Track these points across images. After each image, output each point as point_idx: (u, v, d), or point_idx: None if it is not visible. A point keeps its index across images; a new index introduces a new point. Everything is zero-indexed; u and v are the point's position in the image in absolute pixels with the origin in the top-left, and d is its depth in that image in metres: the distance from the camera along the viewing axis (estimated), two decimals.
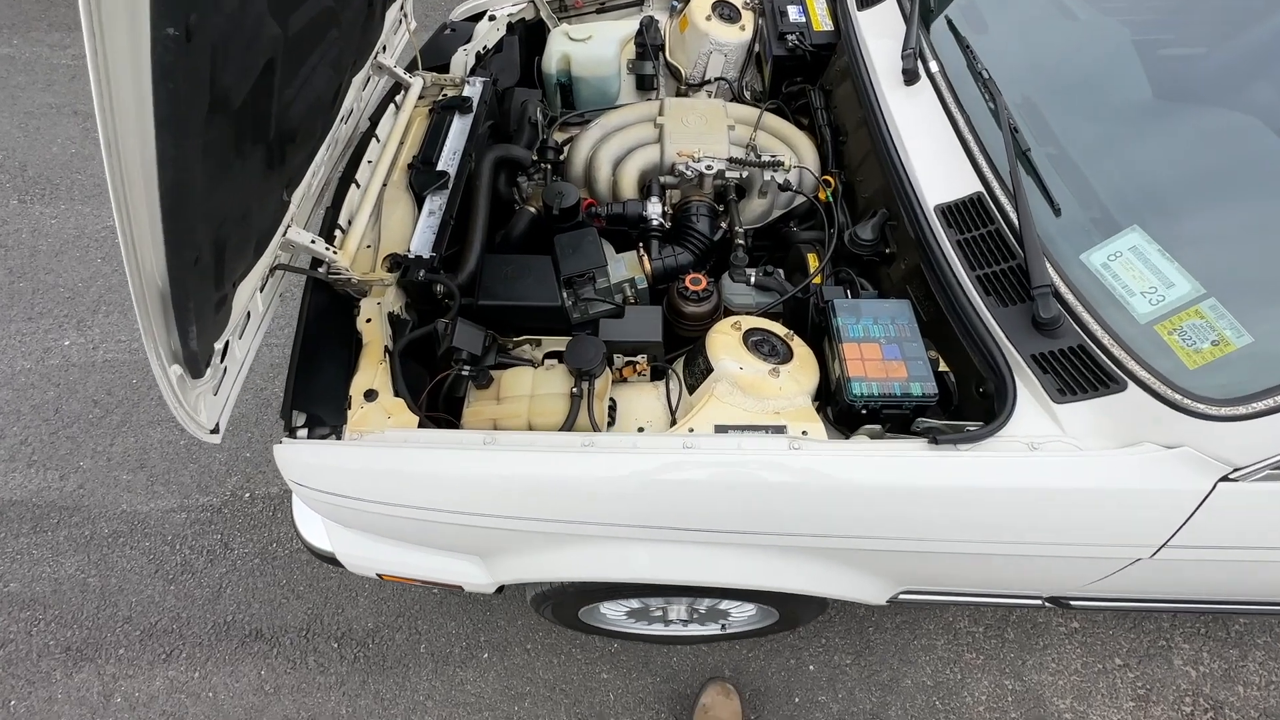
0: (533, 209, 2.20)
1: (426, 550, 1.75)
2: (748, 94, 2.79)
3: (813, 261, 1.91)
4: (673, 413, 1.64)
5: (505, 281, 1.79)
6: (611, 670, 2.58)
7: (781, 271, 1.94)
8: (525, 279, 1.79)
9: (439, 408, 1.73)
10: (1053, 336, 1.41)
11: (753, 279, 1.84)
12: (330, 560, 1.88)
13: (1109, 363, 1.35)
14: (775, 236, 2.16)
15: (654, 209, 1.88)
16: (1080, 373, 1.37)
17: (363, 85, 2.48)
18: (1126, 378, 1.32)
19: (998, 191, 1.60)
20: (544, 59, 2.73)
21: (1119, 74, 1.78)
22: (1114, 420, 1.33)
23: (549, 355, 1.88)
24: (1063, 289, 1.43)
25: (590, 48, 2.71)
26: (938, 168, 1.73)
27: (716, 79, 2.72)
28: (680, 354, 1.82)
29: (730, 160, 1.90)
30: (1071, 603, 1.86)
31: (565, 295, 1.80)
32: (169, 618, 2.68)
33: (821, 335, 1.73)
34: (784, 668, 2.59)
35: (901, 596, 1.82)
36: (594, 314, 1.83)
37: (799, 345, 1.66)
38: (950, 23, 1.99)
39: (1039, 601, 1.86)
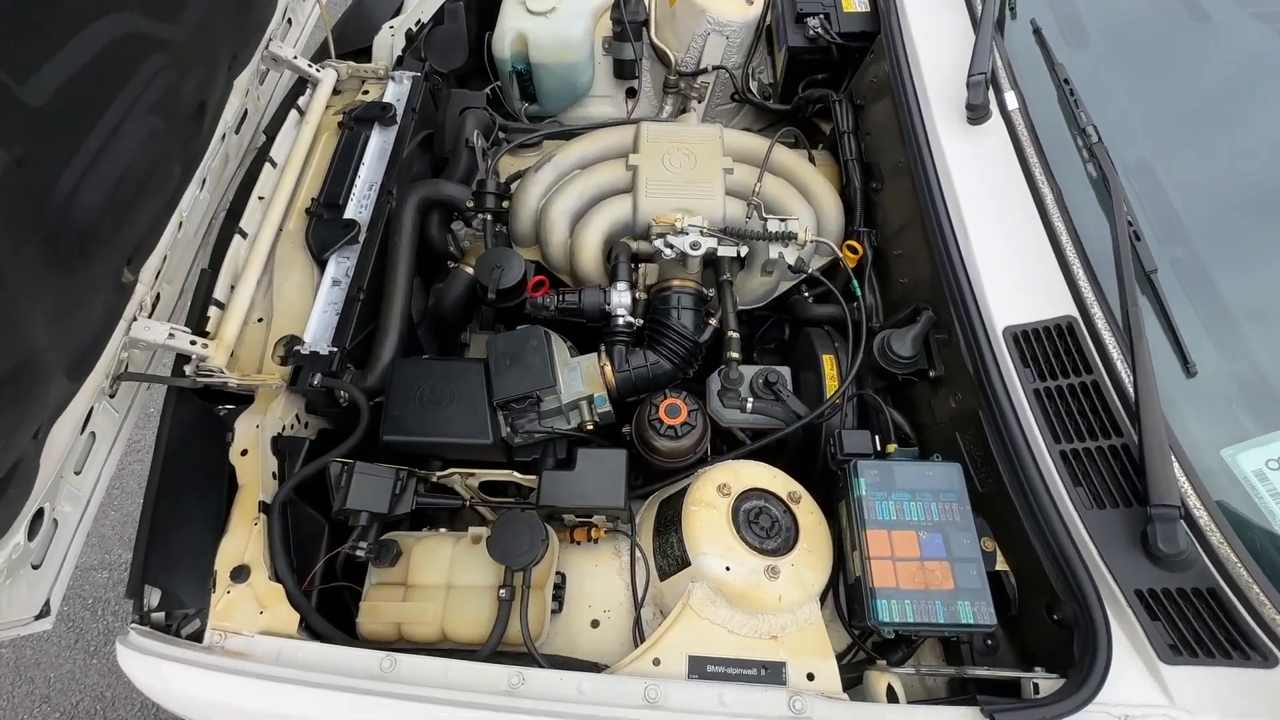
0: (470, 269, 1.72)
1: None
2: (754, 85, 2.21)
3: (829, 367, 1.45)
4: (637, 600, 1.24)
5: (420, 406, 1.35)
6: None
7: (787, 374, 1.48)
8: (447, 404, 1.35)
9: (336, 575, 1.34)
10: (1172, 568, 0.99)
11: (749, 403, 1.39)
12: None
13: (1252, 624, 0.94)
14: (781, 305, 1.69)
15: (621, 300, 1.40)
16: (1207, 627, 0.96)
17: (257, 81, 1.92)
18: (1278, 650, 0.92)
19: (1099, 322, 1.13)
20: (495, 39, 2.13)
21: None
22: (1248, 701, 0.94)
23: (485, 489, 1.47)
24: (1193, 502, 0.99)
25: (553, 24, 2.11)
26: (1011, 266, 1.24)
27: (715, 67, 2.13)
28: (650, 492, 1.41)
29: (724, 233, 1.40)
30: None
31: (502, 421, 1.36)
32: (91, 697, 2.41)
33: (834, 481, 1.31)
34: None
35: None
36: (539, 438, 1.40)
37: (805, 511, 1.24)
38: (1038, 33, 1.43)
39: None
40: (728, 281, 1.44)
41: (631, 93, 2.34)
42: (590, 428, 1.39)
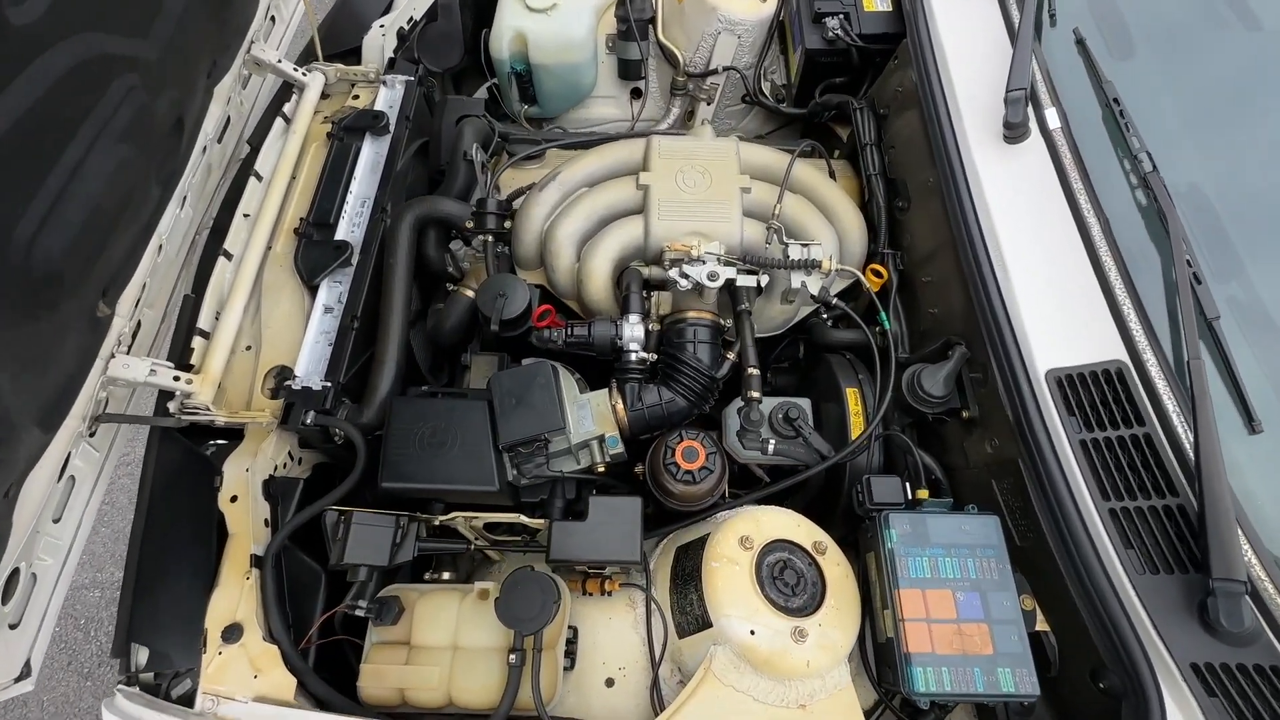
0: (471, 293, 1.62)
1: None
2: (766, 87, 2.10)
3: (853, 402, 1.37)
4: (655, 659, 1.17)
5: (420, 450, 1.26)
6: None
7: (808, 407, 1.40)
8: (449, 447, 1.26)
9: (335, 629, 1.27)
10: (1233, 643, 0.92)
11: (770, 445, 1.31)
12: None
13: None
14: (799, 327, 1.60)
15: (633, 334, 1.31)
16: (1270, 708, 0.90)
17: (240, 87, 1.80)
18: None
19: (1152, 369, 1.05)
20: (492, 38, 2.01)
21: None
22: None
23: (489, 531, 1.39)
24: (1257, 573, 0.92)
25: (554, 22, 1.99)
26: (1054, 303, 1.16)
27: (725, 68, 2.02)
28: (666, 532, 1.34)
29: (743, 261, 1.31)
30: None
31: (508, 464, 1.28)
32: None
33: (858, 520, 1.24)
34: None
35: None
36: (547, 478, 1.32)
37: (831, 562, 1.17)
38: (1081, 44, 1.32)
39: None
40: (746, 311, 1.35)
41: (637, 94, 2.22)
42: (601, 469, 1.32)
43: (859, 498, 1.21)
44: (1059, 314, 1.15)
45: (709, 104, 2.13)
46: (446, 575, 1.41)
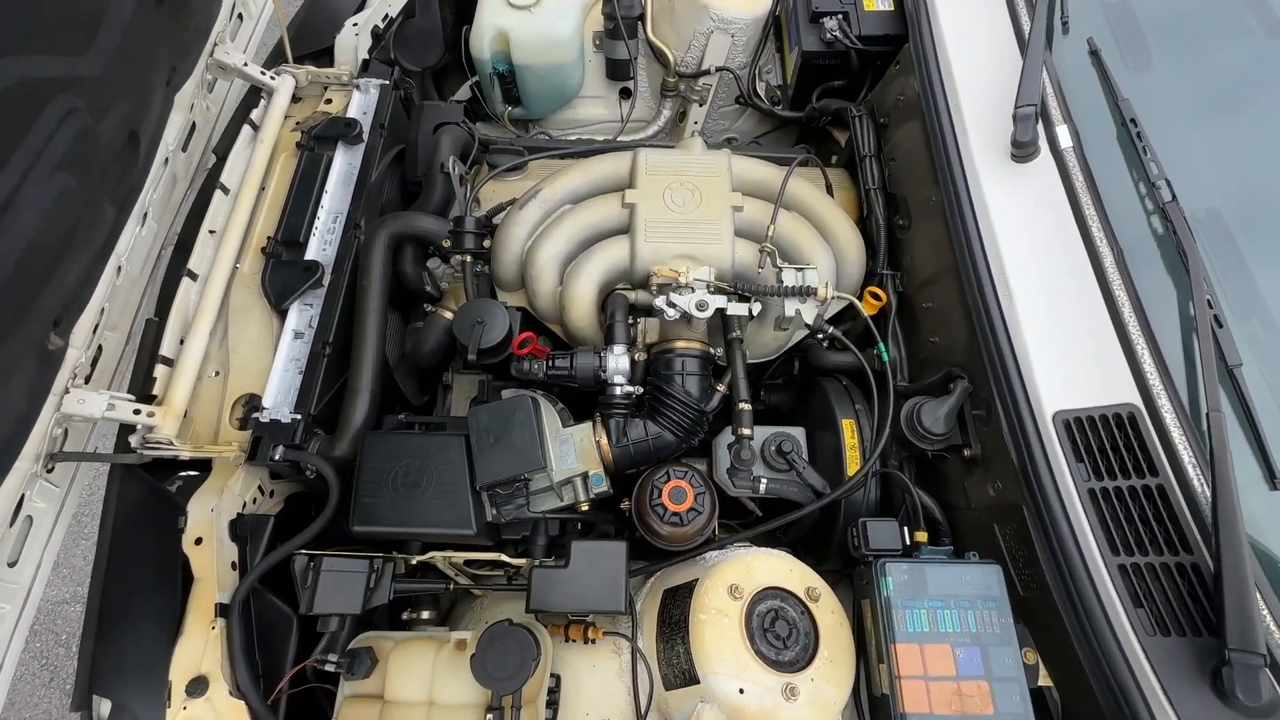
0: (449, 314, 1.55)
1: None
2: (761, 87, 2.00)
3: (849, 433, 1.31)
4: (640, 711, 1.12)
5: (393, 491, 1.20)
6: None
7: (802, 438, 1.34)
8: (424, 488, 1.20)
9: (307, 677, 1.21)
10: (1249, 714, 0.87)
11: (762, 484, 1.25)
12: None
13: None
14: (796, 347, 1.53)
15: (618, 365, 1.24)
16: None
17: (205, 91, 1.71)
18: None
19: (1167, 415, 0.99)
20: (473, 36, 1.91)
21: None
22: None
23: (469, 567, 1.33)
24: (1277, 640, 0.87)
25: (538, 20, 1.88)
26: (1063, 339, 1.09)
27: (718, 69, 1.93)
28: (653, 569, 1.28)
29: (734, 288, 1.24)
30: None
31: (487, 503, 1.22)
32: None
33: (853, 559, 1.19)
34: None
35: None
36: (527, 518, 1.26)
37: (825, 610, 1.12)
38: (1096, 55, 1.24)
39: None
40: (738, 339, 1.28)
41: (626, 93, 2.13)
42: (585, 508, 1.26)
43: (854, 541, 1.16)
44: (1068, 351, 1.08)
45: (701, 106, 2.04)
46: (426, 614, 1.35)
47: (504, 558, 1.28)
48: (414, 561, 1.29)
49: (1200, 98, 1.22)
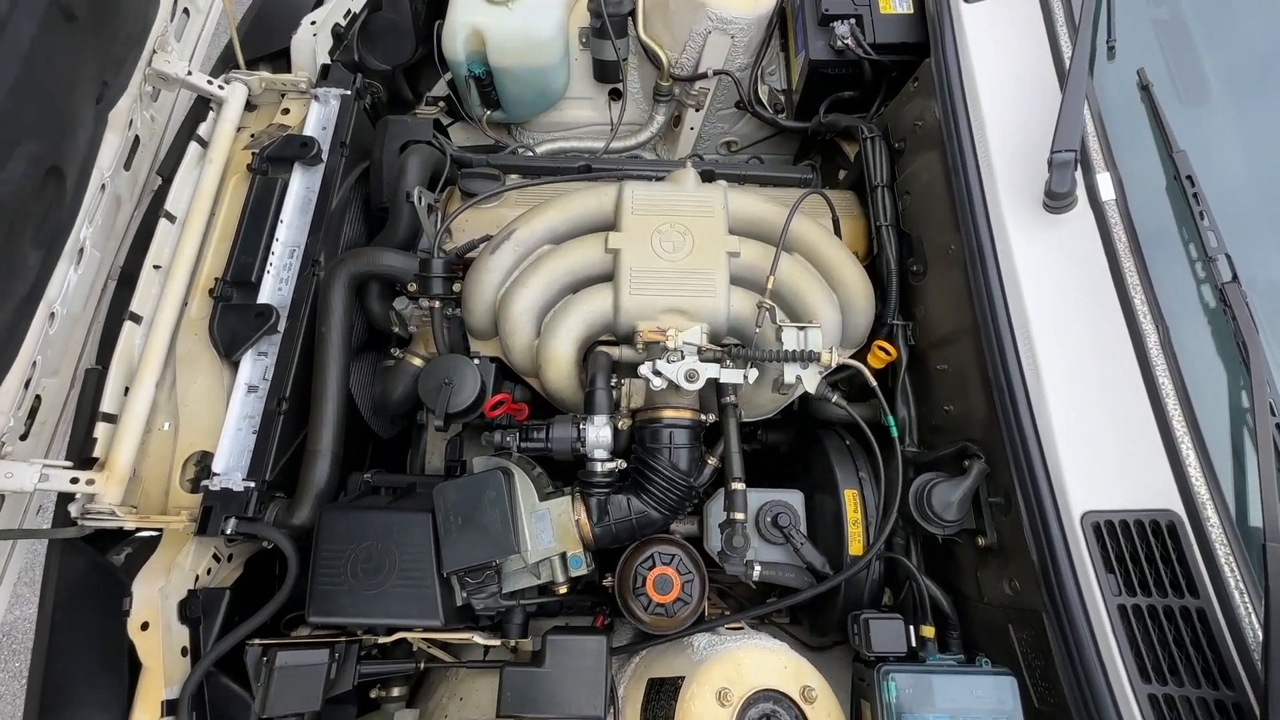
0: (419, 361, 1.42)
1: None
2: (763, 91, 1.83)
3: (851, 506, 1.20)
4: None
5: (353, 578, 1.10)
6: None
7: (800, 505, 1.24)
8: (386, 573, 1.10)
9: None
10: None
11: (756, 570, 1.15)
12: None
13: None
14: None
15: (599, 438, 1.13)
16: None
17: (150, 100, 1.54)
18: None
19: (1212, 527, 0.88)
20: (445, 35, 1.72)
21: None
22: None
23: (441, 646, 1.24)
24: None
25: (517, 18, 1.69)
26: (1096, 429, 0.97)
27: (716, 72, 1.74)
28: (636, 648, 1.19)
29: (729, 353, 1.11)
30: None
31: (457, 586, 1.12)
32: None
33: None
34: None
35: None
36: (500, 607, 1.17)
37: (822, 712, 1.02)
38: (1146, 90, 1.08)
39: None
40: (732, 405, 1.16)
41: (617, 94, 1.95)
42: (563, 590, 1.16)
43: (855, 638, 1.06)
44: (1101, 442, 0.96)
45: (698, 111, 1.86)
46: (396, 691, 1.27)
47: (477, 638, 1.20)
48: (379, 643, 1.20)
49: (1268, 146, 1.06)
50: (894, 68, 1.49)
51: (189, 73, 1.52)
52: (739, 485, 1.11)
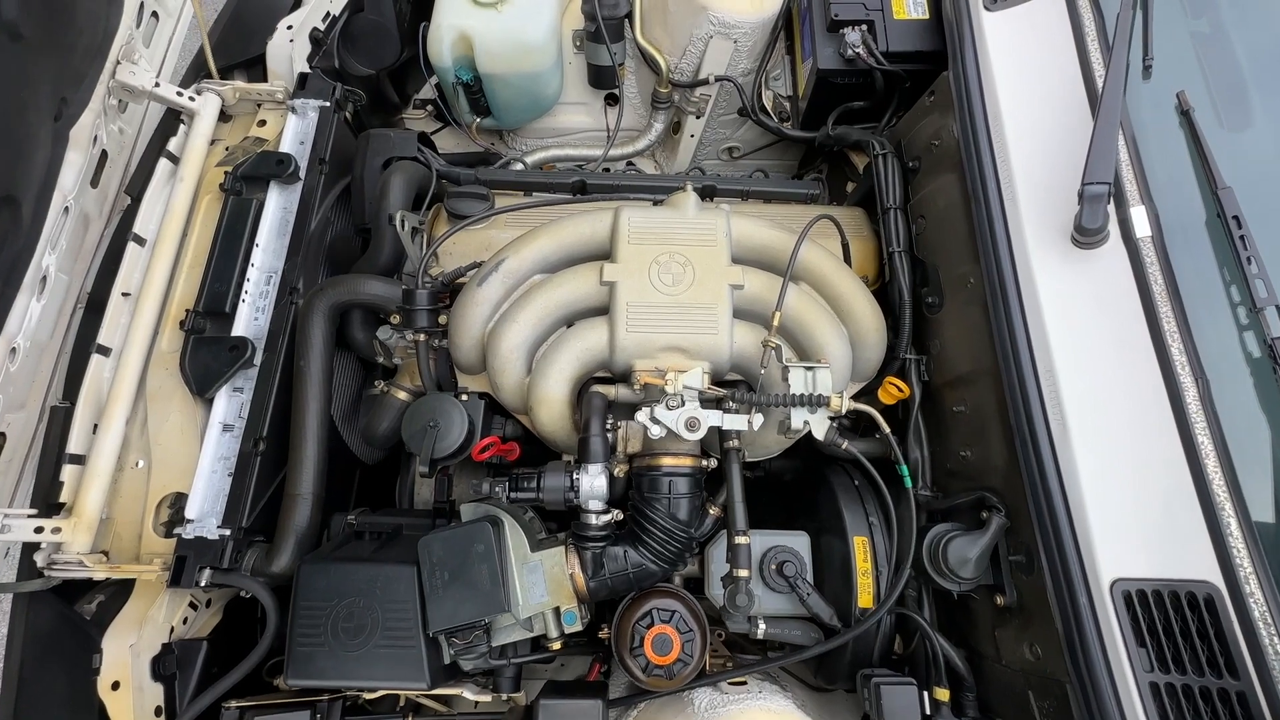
0: (404, 395, 1.35)
1: None
2: (768, 98, 1.73)
3: (860, 554, 1.13)
4: None
5: (333, 637, 1.04)
6: None
7: (806, 551, 1.17)
8: (369, 633, 1.03)
9: None
10: None
11: (760, 628, 1.08)
12: None
13: None
14: None
15: (593, 488, 1.06)
16: None
17: (117, 112, 1.45)
18: None
19: (1253, 603, 0.81)
20: (430, 39, 1.62)
21: None
22: None
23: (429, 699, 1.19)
24: None
25: (506, 20, 1.59)
26: (1128, 490, 0.90)
27: (718, 78, 1.65)
28: (633, 701, 1.14)
29: (733, 397, 1.04)
30: None
31: (444, 644, 1.06)
32: None
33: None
34: None
35: None
36: (489, 666, 1.10)
37: None
38: (1186, 115, 1.00)
39: None
40: (735, 451, 1.09)
41: (613, 99, 1.85)
42: (556, 646, 1.10)
43: (866, 702, 1.00)
44: (1133, 503, 0.89)
45: (698, 118, 1.77)
46: None
47: (466, 694, 1.14)
48: (363, 700, 1.15)
49: None
50: (908, 78, 1.40)
51: (156, 84, 1.43)
52: (743, 539, 1.04)
